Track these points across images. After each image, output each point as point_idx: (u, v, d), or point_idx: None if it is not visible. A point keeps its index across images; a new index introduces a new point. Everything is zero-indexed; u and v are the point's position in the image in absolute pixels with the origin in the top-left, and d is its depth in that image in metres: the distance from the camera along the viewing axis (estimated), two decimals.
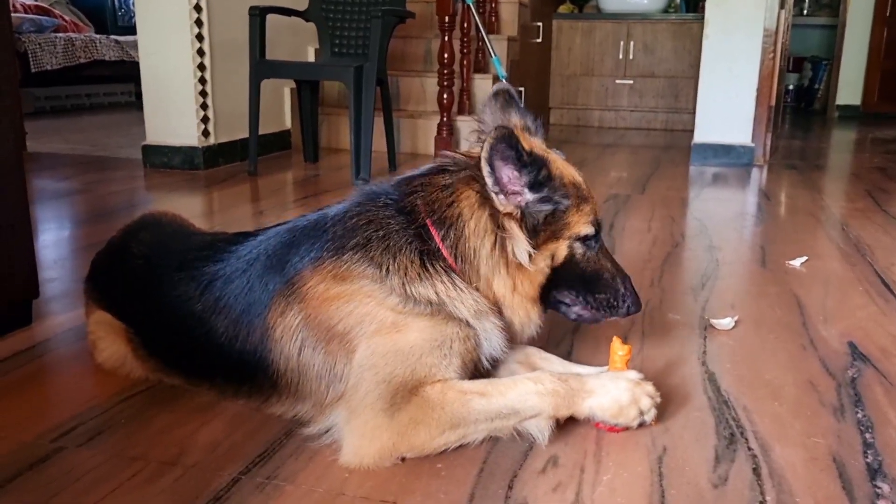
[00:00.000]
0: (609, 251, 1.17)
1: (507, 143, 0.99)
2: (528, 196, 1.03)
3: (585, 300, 1.13)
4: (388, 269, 1.02)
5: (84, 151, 3.90)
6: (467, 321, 1.03)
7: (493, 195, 1.02)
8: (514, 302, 1.07)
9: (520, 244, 1.04)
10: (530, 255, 1.05)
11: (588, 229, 1.09)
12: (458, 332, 1.02)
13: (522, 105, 1.17)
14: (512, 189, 1.03)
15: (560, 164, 1.10)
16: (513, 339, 1.13)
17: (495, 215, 1.04)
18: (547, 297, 1.11)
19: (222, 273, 1.10)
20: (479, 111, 1.19)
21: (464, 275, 1.04)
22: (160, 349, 1.17)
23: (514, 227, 1.04)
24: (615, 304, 1.14)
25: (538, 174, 1.02)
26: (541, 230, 1.05)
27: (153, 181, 3.19)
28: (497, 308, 1.08)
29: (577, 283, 1.12)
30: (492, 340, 1.06)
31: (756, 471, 0.98)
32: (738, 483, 0.95)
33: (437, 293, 1.02)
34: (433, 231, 1.04)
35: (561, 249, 1.08)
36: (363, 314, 1.00)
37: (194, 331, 1.10)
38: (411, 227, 1.04)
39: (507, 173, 1.02)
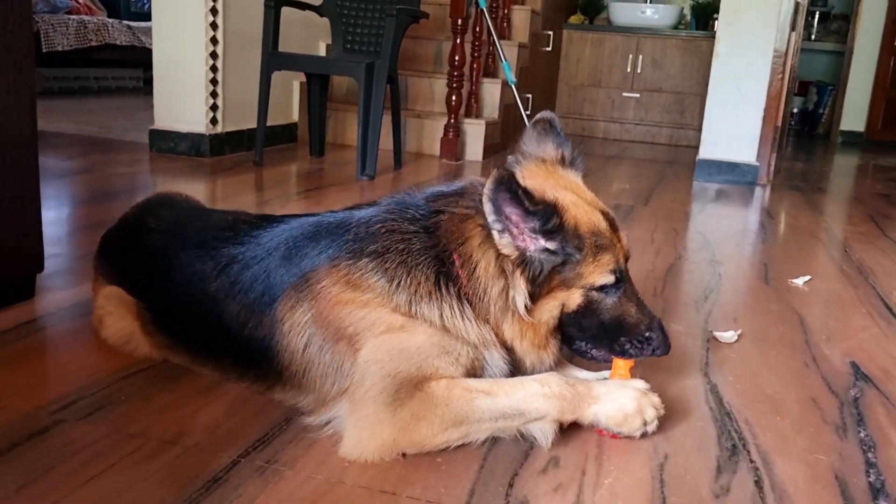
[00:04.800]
0: (636, 292, 1.08)
1: (506, 187, 0.93)
2: (535, 244, 0.98)
3: (603, 346, 1.07)
4: (399, 283, 0.99)
5: (90, 133, 3.89)
6: (474, 344, 1.02)
7: (496, 234, 0.97)
8: (522, 348, 1.04)
9: (519, 293, 0.99)
10: (527, 307, 0.99)
11: (605, 279, 1.01)
12: (467, 350, 1.01)
13: (561, 133, 1.11)
14: (518, 230, 0.98)
15: (577, 209, 1.01)
16: (524, 372, 1.08)
17: (501, 257, 0.99)
18: (562, 336, 1.07)
19: (241, 257, 1.10)
20: (520, 140, 1.12)
21: (475, 308, 1.01)
22: (171, 325, 1.17)
23: (516, 274, 0.99)
24: (640, 347, 1.07)
25: (546, 223, 0.96)
26: (544, 281, 0.99)
27: (158, 165, 3.18)
28: (507, 345, 1.05)
29: (594, 330, 1.05)
30: (495, 369, 1.04)
31: (758, 483, 0.97)
32: (741, 494, 0.95)
33: (441, 317, 1.00)
34: (455, 257, 1.01)
35: (573, 298, 1.02)
36: (374, 319, 0.99)
37: (207, 310, 1.10)
38: (433, 249, 1.01)
39: (512, 212, 0.96)
